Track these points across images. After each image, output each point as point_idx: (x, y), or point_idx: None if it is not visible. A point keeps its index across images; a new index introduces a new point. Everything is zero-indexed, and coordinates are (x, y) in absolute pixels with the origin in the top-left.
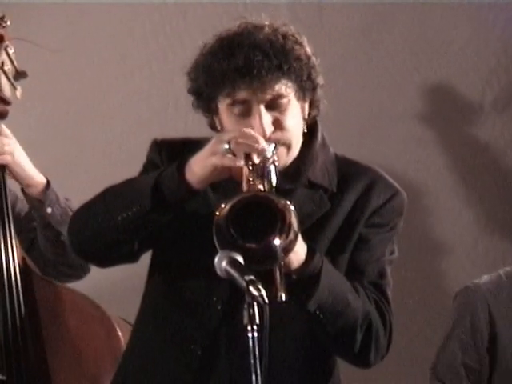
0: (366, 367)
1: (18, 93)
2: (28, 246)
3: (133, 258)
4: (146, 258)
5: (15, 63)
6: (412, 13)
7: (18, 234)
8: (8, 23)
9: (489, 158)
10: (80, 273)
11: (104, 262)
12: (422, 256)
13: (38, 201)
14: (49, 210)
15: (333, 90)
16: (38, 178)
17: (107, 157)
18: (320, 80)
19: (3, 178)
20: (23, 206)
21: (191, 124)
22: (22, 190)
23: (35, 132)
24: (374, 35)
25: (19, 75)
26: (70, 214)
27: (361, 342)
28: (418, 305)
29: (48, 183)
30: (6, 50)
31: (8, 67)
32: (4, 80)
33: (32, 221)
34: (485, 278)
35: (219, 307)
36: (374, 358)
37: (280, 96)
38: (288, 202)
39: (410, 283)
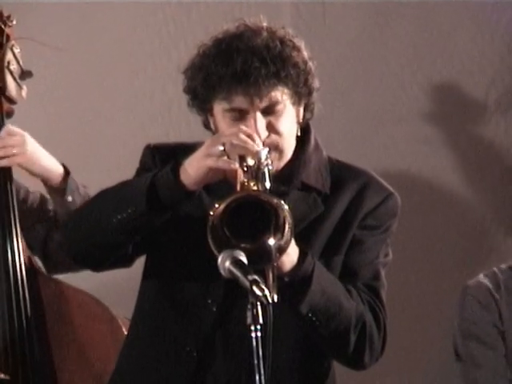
0: (360, 369)
1: (24, 92)
2: (45, 236)
3: (127, 261)
4: None
5: (21, 63)
6: (416, 12)
7: (33, 225)
8: (14, 22)
9: (493, 157)
10: None
11: (99, 266)
12: (425, 255)
13: (58, 190)
14: (69, 198)
15: (336, 89)
16: (55, 169)
17: (111, 156)
18: (316, 84)
19: (9, 178)
20: (35, 197)
21: (194, 123)
22: (43, 180)
23: (39, 131)
24: (377, 34)
25: (25, 74)
26: None
27: (355, 344)
28: (421, 304)
29: (66, 172)
30: (12, 49)
31: (14, 66)
32: (10, 79)
33: (46, 211)
34: (481, 276)
35: (214, 309)
36: (368, 360)
37: (276, 102)
38: (282, 201)
39: (413, 282)
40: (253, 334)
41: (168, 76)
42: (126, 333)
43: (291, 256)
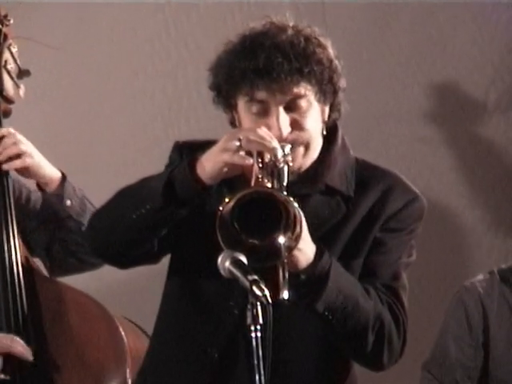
0: (379, 370)
1: (21, 91)
2: (49, 238)
3: (153, 258)
4: None
5: (18, 62)
6: (415, 12)
7: (38, 226)
8: (11, 22)
9: (493, 157)
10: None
11: (123, 263)
12: (425, 255)
13: (56, 196)
14: (68, 202)
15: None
16: (54, 174)
17: (110, 156)
18: (342, 83)
19: (5, 175)
20: (37, 197)
21: (194, 123)
22: (39, 186)
23: (38, 131)
24: (377, 34)
25: (22, 74)
26: (87, 203)
27: (373, 344)
28: (420, 304)
29: (63, 176)
30: (9, 48)
31: (11, 66)
32: (7, 79)
33: (48, 211)
34: (480, 276)
35: (236, 311)
36: (387, 361)
37: (299, 97)
38: (291, 198)
39: (412, 282)
40: (252, 334)
41: (168, 76)
42: (123, 333)
43: (307, 254)
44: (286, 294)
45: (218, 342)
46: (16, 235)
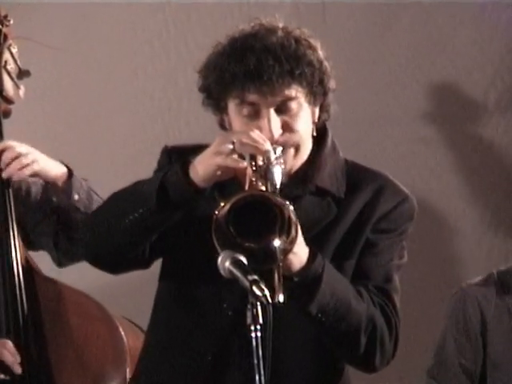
0: (371, 372)
1: (21, 92)
2: (55, 228)
3: (144, 263)
4: None
5: (18, 62)
6: (415, 12)
7: (43, 219)
8: (11, 22)
9: (492, 157)
10: None
11: (116, 268)
12: (425, 255)
13: (64, 191)
14: (76, 197)
15: (336, 89)
16: (60, 172)
17: (110, 156)
18: (332, 84)
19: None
20: (37, 188)
21: (193, 124)
22: (45, 183)
23: (38, 131)
24: (377, 34)
25: (22, 74)
26: (93, 194)
27: (365, 346)
28: (419, 304)
29: (70, 171)
30: (9, 49)
31: (11, 66)
32: (7, 79)
33: (50, 201)
34: (478, 278)
35: (229, 313)
36: (379, 363)
37: (290, 99)
38: (286, 202)
39: (413, 283)
40: (252, 334)
41: (168, 76)
42: (123, 333)
43: (300, 256)
44: (281, 297)
45: (212, 344)
46: (16, 235)
